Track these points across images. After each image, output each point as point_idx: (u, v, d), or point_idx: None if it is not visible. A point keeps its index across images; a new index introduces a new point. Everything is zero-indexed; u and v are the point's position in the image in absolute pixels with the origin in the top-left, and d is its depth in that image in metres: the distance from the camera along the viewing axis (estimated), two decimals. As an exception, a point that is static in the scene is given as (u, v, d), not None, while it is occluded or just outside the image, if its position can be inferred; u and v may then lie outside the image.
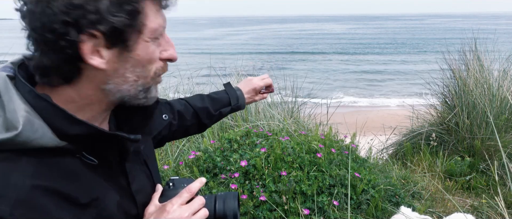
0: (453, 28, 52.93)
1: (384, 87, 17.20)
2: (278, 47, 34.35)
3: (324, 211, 2.42)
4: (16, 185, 0.61)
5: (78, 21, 0.62)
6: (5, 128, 0.63)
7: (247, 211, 2.33)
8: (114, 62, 0.68)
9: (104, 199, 0.73)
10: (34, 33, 0.64)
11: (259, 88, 1.35)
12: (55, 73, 0.67)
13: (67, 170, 0.68)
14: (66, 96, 0.70)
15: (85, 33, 0.64)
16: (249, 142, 2.86)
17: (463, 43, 4.20)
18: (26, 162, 0.64)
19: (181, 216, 0.80)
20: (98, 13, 0.63)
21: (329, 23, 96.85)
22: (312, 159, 2.63)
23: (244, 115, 4.00)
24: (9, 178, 0.61)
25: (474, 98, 3.72)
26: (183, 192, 0.84)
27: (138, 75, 0.72)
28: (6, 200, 0.60)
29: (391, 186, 2.76)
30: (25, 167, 0.64)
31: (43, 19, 0.62)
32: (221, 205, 0.88)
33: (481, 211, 2.90)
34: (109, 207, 0.74)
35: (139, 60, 0.70)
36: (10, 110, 0.63)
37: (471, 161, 3.51)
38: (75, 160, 0.70)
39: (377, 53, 30.45)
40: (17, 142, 0.63)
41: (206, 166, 2.67)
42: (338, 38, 46.94)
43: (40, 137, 0.64)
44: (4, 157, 0.63)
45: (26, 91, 0.66)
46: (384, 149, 4.41)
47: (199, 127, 1.26)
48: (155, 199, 0.86)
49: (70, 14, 0.62)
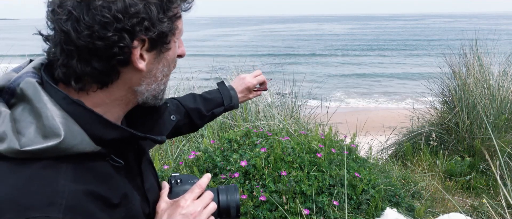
0: (453, 28, 52.92)
1: (384, 87, 17.20)
2: (278, 49, 34.30)
3: (324, 211, 2.42)
4: (64, 191, 0.62)
5: (134, 28, 0.65)
6: (42, 136, 0.62)
7: (247, 211, 2.33)
8: (151, 63, 0.72)
9: (131, 199, 0.76)
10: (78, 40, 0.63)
11: (252, 86, 1.34)
12: (94, 79, 0.68)
13: (100, 173, 0.70)
14: (97, 98, 0.71)
15: (137, 39, 0.67)
16: (249, 142, 2.86)
17: (463, 43, 4.20)
18: (65, 167, 0.64)
19: (195, 210, 0.84)
20: (150, 20, 0.67)
21: (329, 23, 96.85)
22: (312, 159, 2.63)
23: (244, 115, 4.00)
24: (56, 185, 0.62)
25: (474, 98, 3.73)
26: (195, 187, 0.88)
27: (165, 73, 0.76)
28: (57, 207, 0.60)
29: (391, 186, 2.76)
30: (66, 172, 0.64)
31: (93, 27, 0.63)
32: (224, 197, 0.92)
33: (481, 211, 2.90)
34: (135, 207, 0.77)
35: (168, 59, 0.76)
36: (48, 117, 0.63)
37: (471, 161, 3.51)
38: (105, 163, 0.72)
39: (377, 53, 30.45)
40: (59, 149, 0.63)
41: (206, 166, 2.67)
42: (338, 38, 46.94)
43: (80, 143, 0.65)
44: (46, 164, 0.63)
45: (61, 97, 0.66)
46: (384, 149, 4.41)
47: (191, 127, 1.25)
48: (164, 196, 0.88)
49: (127, 21, 0.64)
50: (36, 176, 0.62)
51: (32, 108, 0.64)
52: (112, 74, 0.69)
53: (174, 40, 0.75)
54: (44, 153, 0.62)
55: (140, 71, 0.71)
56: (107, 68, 0.67)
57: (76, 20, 0.63)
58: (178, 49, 0.79)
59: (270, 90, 4.58)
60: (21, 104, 0.66)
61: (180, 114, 1.20)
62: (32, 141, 0.62)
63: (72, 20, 0.63)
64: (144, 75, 0.72)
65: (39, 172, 0.62)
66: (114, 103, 0.73)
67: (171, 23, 0.71)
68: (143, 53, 0.70)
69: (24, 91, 0.65)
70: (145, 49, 0.69)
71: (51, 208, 0.59)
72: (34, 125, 0.63)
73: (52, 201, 0.60)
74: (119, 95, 0.73)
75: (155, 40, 0.69)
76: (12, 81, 0.68)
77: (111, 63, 0.67)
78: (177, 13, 0.72)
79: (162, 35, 0.70)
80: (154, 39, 0.69)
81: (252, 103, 4.08)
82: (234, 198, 0.92)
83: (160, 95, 0.79)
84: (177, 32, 0.74)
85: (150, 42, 0.69)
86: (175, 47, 0.76)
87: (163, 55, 0.74)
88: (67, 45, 0.65)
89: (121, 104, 0.75)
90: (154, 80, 0.75)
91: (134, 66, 0.69)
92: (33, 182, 0.61)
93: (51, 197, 0.60)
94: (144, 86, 0.74)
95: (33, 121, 0.63)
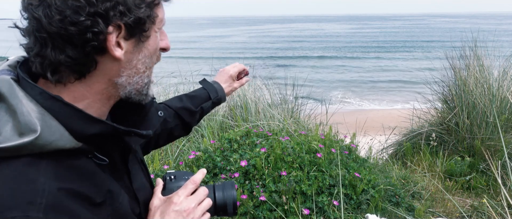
0: (453, 28, 52.91)
1: (384, 87, 17.20)
2: (276, 52, 34.29)
3: (324, 211, 2.42)
4: (44, 190, 0.60)
5: (107, 13, 0.63)
6: (18, 133, 0.60)
7: (247, 211, 2.33)
8: (130, 52, 0.69)
9: (117, 197, 0.73)
10: (50, 26, 0.61)
11: (234, 73, 1.33)
12: (70, 68, 0.66)
13: (83, 170, 0.68)
14: (77, 93, 0.69)
15: (112, 24, 0.64)
16: (249, 142, 2.86)
17: (463, 43, 4.20)
18: (45, 165, 0.62)
19: (188, 207, 0.82)
20: (125, 4, 0.65)
21: (329, 23, 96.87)
22: (312, 159, 2.63)
23: (244, 115, 4.00)
24: (36, 183, 0.60)
25: (474, 98, 3.73)
26: (188, 183, 0.86)
27: (146, 65, 0.73)
28: (37, 206, 0.58)
29: (391, 186, 2.76)
30: (47, 170, 0.62)
31: (65, 12, 0.61)
32: (220, 194, 0.91)
33: (481, 211, 2.90)
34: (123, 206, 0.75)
35: (149, 50, 0.72)
36: (23, 113, 0.61)
37: (471, 161, 3.51)
38: (89, 161, 0.70)
39: (377, 53, 30.45)
40: (36, 145, 0.61)
41: (206, 166, 2.66)
42: (338, 38, 46.95)
43: (59, 139, 0.63)
44: (25, 162, 0.61)
45: (37, 93, 0.63)
46: (384, 149, 4.41)
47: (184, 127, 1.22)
48: (158, 193, 0.86)
49: (100, 5, 0.62)
50: (15, 174, 0.60)
51: (7, 107, 0.62)
52: (88, 63, 0.66)
53: (155, 29, 0.72)
54: (21, 150, 0.60)
55: (118, 60, 0.68)
56: (82, 56, 0.64)
57: (48, 6, 0.61)
58: (161, 42, 0.77)
59: (270, 90, 4.59)
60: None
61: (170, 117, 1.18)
62: (8, 139, 0.60)
63: (43, 5, 0.61)
64: (124, 66, 0.70)
65: (18, 171, 0.60)
66: (95, 97, 0.70)
67: (150, 9, 0.69)
68: (120, 41, 0.67)
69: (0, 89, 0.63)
70: (122, 37, 0.67)
71: (31, 207, 0.58)
72: (10, 123, 0.61)
73: (31, 200, 0.58)
74: (99, 88, 0.70)
75: (132, 27, 0.67)
76: None
77: (86, 50, 0.64)
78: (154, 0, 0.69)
79: (139, 21, 0.67)
80: (131, 25, 0.66)
81: (252, 103, 4.08)
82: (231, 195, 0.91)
83: (144, 89, 0.75)
84: (157, 20, 0.72)
85: (127, 29, 0.66)
86: (155, 37, 0.73)
87: (142, 45, 0.71)
88: (39, 32, 0.63)
89: (103, 98, 0.72)
90: (135, 72, 0.72)
91: (111, 54, 0.66)
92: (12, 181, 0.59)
93: (30, 196, 0.58)
94: (124, 78, 0.71)
95: (9, 119, 0.61)
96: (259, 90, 4.55)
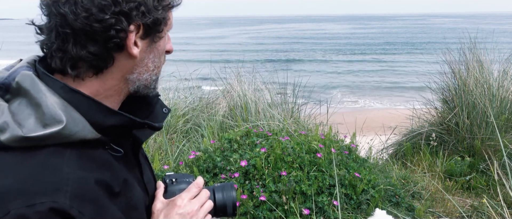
0: (453, 28, 52.93)
1: (384, 87, 17.20)
2: (276, 52, 34.25)
3: (324, 211, 2.42)
4: (69, 178, 0.63)
5: (131, 12, 0.67)
6: (42, 125, 0.63)
7: (247, 211, 2.33)
8: (144, 51, 0.74)
9: (131, 187, 0.76)
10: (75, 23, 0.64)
11: None
12: (89, 63, 0.69)
13: (102, 160, 0.71)
14: (92, 88, 0.71)
15: (133, 23, 0.68)
16: (249, 142, 2.86)
17: (463, 43, 4.19)
18: (69, 155, 0.66)
19: (192, 210, 0.84)
20: (146, 5, 0.69)
21: (329, 23, 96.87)
22: (312, 159, 2.63)
23: (244, 115, 4.00)
24: (61, 172, 0.63)
25: (474, 98, 3.72)
26: (192, 187, 0.87)
27: (156, 64, 0.78)
28: (63, 193, 0.61)
29: (391, 186, 2.76)
30: (70, 160, 0.65)
31: (91, 10, 0.64)
32: (220, 196, 0.92)
33: (481, 211, 2.90)
34: (135, 197, 0.77)
35: (159, 50, 0.77)
36: (48, 106, 0.64)
37: (471, 161, 3.50)
38: (106, 152, 0.73)
39: (377, 53, 30.45)
40: (62, 135, 0.64)
41: (206, 166, 2.66)
42: (338, 38, 46.94)
43: (82, 130, 0.66)
44: (52, 151, 0.64)
45: (59, 86, 0.67)
46: (384, 149, 4.40)
47: None
48: (159, 196, 0.87)
49: (125, 5, 0.66)
50: (42, 164, 0.63)
51: (29, 101, 0.65)
52: (107, 59, 0.69)
53: (166, 30, 0.77)
54: (47, 140, 0.63)
55: (134, 58, 0.72)
56: (102, 52, 0.68)
57: (74, 3, 0.64)
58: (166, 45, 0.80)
59: (270, 90, 4.58)
60: (16, 99, 0.66)
61: None
62: (32, 130, 0.62)
63: (70, 3, 0.64)
64: (137, 63, 0.74)
65: (44, 160, 0.63)
66: (107, 93, 0.73)
67: (165, 12, 0.73)
68: (137, 40, 0.71)
69: (21, 83, 0.65)
70: (139, 36, 0.71)
71: (58, 194, 0.60)
72: (33, 116, 0.64)
73: (58, 187, 0.61)
74: (112, 84, 0.73)
75: (149, 27, 0.71)
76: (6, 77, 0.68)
77: (107, 46, 0.67)
78: (169, 3, 0.74)
79: (157, 22, 0.71)
80: (149, 25, 0.70)
81: (252, 103, 4.08)
82: (230, 196, 0.91)
83: (152, 85, 0.79)
84: (169, 23, 0.76)
85: (145, 29, 0.71)
86: (166, 39, 0.78)
87: (155, 45, 0.75)
88: (63, 28, 0.65)
89: (114, 94, 0.75)
90: (146, 70, 0.76)
91: (128, 52, 0.70)
92: (39, 169, 0.62)
93: (57, 184, 0.61)
94: (135, 75, 0.75)
95: (31, 112, 0.64)
96: (259, 90, 4.55)
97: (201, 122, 4.09)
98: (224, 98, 4.71)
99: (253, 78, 4.75)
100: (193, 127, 4.15)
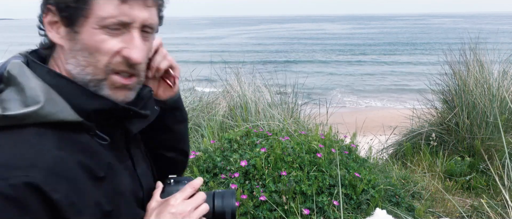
0: (453, 28, 52.92)
1: (384, 87, 17.20)
2: (276, 52, 34.23)
3: (324, 211, 2.42)
4: (46, 155, 0.65)
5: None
6: (24, 105, 0.66)
7: (247, 211, 2.33)
8: (67, 39, 0.73)
9: (117, 176, 0.77)
10: None
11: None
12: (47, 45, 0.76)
13: (85, 145, 0.72)
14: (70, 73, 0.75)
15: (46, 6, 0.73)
16: (249, 142, 2.86)
17: (463, 43, 4.19)
18: (51, 135, 0.68)
19: (184, 210, 0.82)
20: None
21: (329, 23, 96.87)
22: (312, 159, 2.63)
23: (244, 115, 4.00)
24: (40, 149, 0.66)
25: (474, 98, 3.72)
26: (186, 187, 0.87)
27: (87, 61, 0.72)
28: (38, 169, 0.63)
29: (391, 186, 2.76)
30: (51, 140, 0.67)
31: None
32: (219, 202, 0.90)
33: (481, 211, 2.90)
34: (121, 185, 0.78)
35: (85, 44, 0.71)
36: (30, 88, 0.67)
37: (471, 161, 3.50)
38: (91, 138, 0.74)
39: (377, 53, 30.45)
40: (40, 115, 0.67)
41: (206, 166, 2.67)
42: (338, 38, 46.94)
43: (61, 111, 0.68)
44: (34, 131, 0.67)
45: (45, 72, 0.71)
46: (384, 149, 4.40)
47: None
48: (156, 195, 0.87)
49: None
50: (22, 141, 0.66)
51: (16, 87, 0.68)
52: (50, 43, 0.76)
53: (91, 25, 0.70)
54: (26, 119, 0.66)
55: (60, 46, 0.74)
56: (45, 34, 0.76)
57: None
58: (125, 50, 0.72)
59: (270, 90, 4.58)
60: (8, 88, 0.69)
61: None
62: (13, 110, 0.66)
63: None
64: (66, 52, 0.74)
65: (25, 138, 0.66)
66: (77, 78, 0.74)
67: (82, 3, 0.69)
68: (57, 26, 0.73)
69: (10, 71, 0.69)
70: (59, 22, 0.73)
71: (33, 170, 0.63)
72: (18, 101, 0.67)
73: (34, 163, 0.63)
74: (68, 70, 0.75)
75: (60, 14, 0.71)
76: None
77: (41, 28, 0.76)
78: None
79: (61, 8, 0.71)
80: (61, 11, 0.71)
81: (252, 103, 4.08)
82: (230, 204, 0.89)
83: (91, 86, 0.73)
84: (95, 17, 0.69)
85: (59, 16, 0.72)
86: (93, 34, 0.70)
87: (76, 36, 0.71)
88: None
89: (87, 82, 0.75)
90: (77, 63, 0.72)
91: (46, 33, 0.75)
92: (19, 146, 0.65)
93: (33, 160, 0.64)
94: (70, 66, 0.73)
95: (17, 97, 0.67)
96: (259, 90, 4.55)
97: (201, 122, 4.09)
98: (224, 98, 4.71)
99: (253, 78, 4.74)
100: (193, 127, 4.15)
